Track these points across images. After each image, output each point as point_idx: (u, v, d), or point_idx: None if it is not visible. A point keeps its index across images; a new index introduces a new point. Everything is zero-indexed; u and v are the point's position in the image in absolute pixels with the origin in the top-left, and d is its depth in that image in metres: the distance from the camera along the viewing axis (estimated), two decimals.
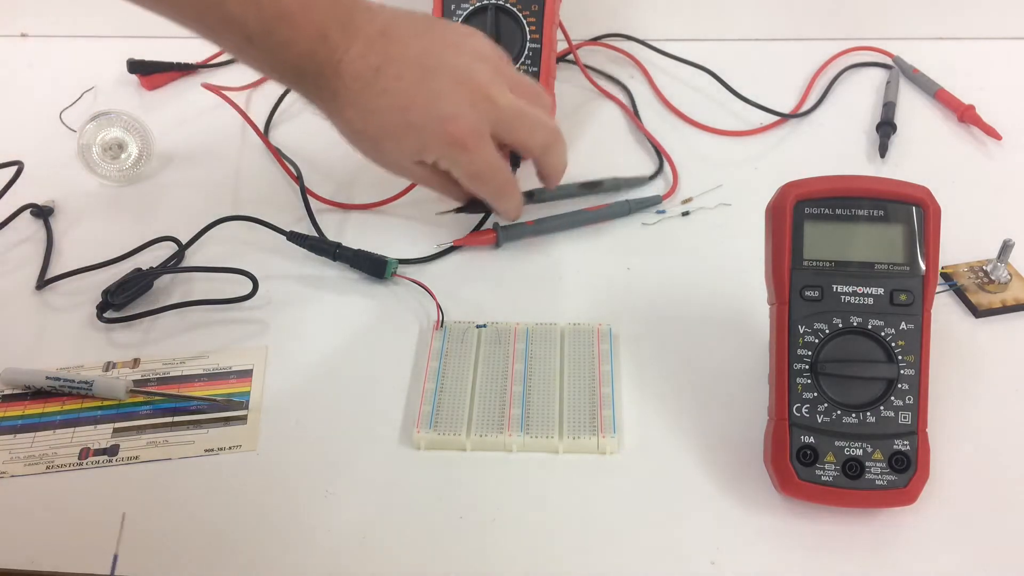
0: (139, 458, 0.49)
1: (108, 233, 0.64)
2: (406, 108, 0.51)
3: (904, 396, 0.44)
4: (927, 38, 0.84)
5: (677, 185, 0.68)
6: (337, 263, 0.61)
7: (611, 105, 0.78)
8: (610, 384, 0.51)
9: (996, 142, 0.71)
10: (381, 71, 0.50)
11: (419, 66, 0.50)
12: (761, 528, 0.45)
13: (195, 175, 0.71)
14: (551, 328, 0.55)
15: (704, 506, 0.46)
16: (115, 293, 0.57)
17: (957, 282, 0.57)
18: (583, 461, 0.48)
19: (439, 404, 0.50)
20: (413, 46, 0.51)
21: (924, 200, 0.45)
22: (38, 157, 0.70)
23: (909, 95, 0.78)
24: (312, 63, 0.50)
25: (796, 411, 0.44)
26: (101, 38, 0.87)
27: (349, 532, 0.45)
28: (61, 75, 0.83)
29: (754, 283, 0.49)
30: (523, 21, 0.68)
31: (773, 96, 0.76)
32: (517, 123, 0.54)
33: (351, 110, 0.51)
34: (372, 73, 0.50)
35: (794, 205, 0.45)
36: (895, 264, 0.45)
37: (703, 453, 0.48)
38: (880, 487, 0.43)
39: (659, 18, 0.85)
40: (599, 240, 0.64)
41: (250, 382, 0.53)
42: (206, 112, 0.77)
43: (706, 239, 0.63)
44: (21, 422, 0.51)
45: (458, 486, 0.47)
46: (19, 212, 0.66)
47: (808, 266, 0.45)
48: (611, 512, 0.46)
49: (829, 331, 0.44)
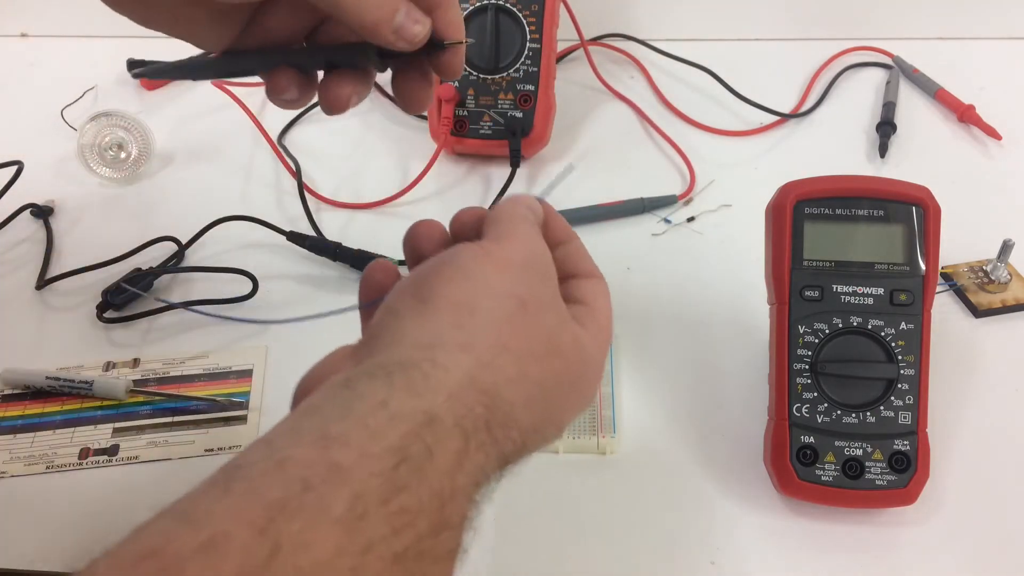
0: (139, 458, 0.49)
1: (108, 233, 0.64)
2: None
3: (904, 396, 0.44)
4: (927, 38, 0.84)
5: (694, 185, 0.68)
6: (337, 263, 0.61)
7: (615, 105, 0.78)
8: (610, 384, 0.51)
9: (996, 142, 0.71)
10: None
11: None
12: (761, 528, 0.45)
13: (195, 175, 0.71)
14: None
15: (704, 506, 0.46)
16: (115, 293, 0.57)
17: (957, 282, 0.57)
18: (583, 461, 0.48)
19: None
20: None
21: (924, 200, 0.45)
22: (38, 157, 0.70)
23: (909, 95, 0.78)
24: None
25: (796, 411, 0.44)
26: (101, 38, 0.87)
27: None
28: (61, 75, 0.83)
29: (754, 283, 0.49)
30: (523, 21, 0.68)
31: (773, 96, 0.76)
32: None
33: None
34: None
35: (794, 205, 0.45)
36: (895, 264, 0.45)
37: (703, 453, 0.48)
38: (880, 487, 0.43)
39: (659, 18, 0.85)
40: (599, 240, 0.63)
41: (250, 382, 0.53)
42: (206, 112, 0.77)
43: (706, 239, 0.63)
44: (21, 422, 0.51)
45: None
46: (19, 212, 0.66)
47: (808, 266, 0.45)
48: (611, 512, 0.46)
49: (829, 331, 0.44)
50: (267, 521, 0.22)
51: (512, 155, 0.67)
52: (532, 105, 0.68)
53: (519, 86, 0.68)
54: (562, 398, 0.32)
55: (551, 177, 0.69)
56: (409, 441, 0.25)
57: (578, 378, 0.33)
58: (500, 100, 0.68)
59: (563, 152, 0.72)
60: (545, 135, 0.69)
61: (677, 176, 0.69)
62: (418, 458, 0.25)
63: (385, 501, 0.24)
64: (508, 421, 0.28)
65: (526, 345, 0.30)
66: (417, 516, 0.24)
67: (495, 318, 0.30)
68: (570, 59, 0.82)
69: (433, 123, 0.69)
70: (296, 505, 0.23)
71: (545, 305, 0.32)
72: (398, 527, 0.24)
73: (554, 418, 0.32)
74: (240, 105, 0.72)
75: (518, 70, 0.68)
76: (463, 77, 0.68)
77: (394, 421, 0.26)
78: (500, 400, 0.28)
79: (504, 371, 0.29)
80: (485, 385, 0.28)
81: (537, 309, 0.31)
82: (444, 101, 0.68)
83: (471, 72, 0.68)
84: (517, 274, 0.31)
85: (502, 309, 0.30)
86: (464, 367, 0.28)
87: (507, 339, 0.30)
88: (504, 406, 0.29)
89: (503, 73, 0.68)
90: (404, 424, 0.26)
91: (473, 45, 0.68)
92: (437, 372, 0.28)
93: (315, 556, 0.22)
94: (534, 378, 0.30)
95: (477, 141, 0.68)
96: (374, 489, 0.24)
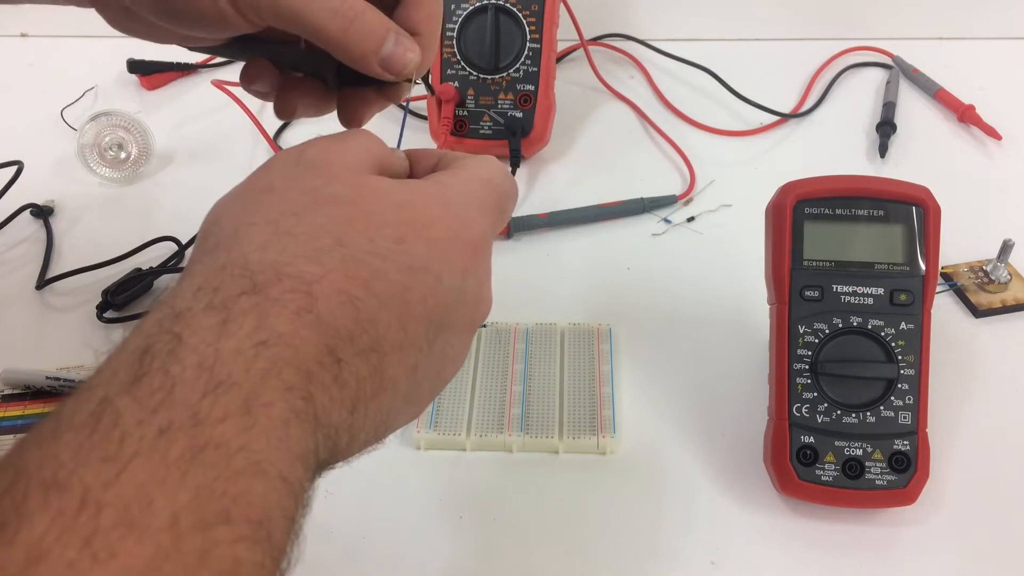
0: None
1: (108, 233, 0.64)
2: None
3: (904, 396, 0.44)
4: (927, 38, 0.84)
5: (694, 185, 0.68)
6: None
7: (615, 105, 0.78)
8: (610, 384, 0.51)
9: (996, 142, 0.71)
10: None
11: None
12: (761, 528, 0.45)
13: (195, 175, 0.71)
14: (551, 328, 0.55)
15: (704, 506, 0.46)
16: (115, 293, 0.57)
17: (957, 282, 0.57)
18: (583, 461, 0.48)
19: (439, 404, 0.50)
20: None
21: (924, 200, 0.45)
22: (38, 157, 0.70)
23: (909, 95, 0.78)
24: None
25: (796, 411, 0.44)
26: (101, 38, 0.86)
27: (349, 532, 0.45)
28: (61, 75, 0.83)
29: (754, 283, 0.49)
30: (523, 21, 0.68)
31: (773, 96, 0.76)
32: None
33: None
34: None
35: (794, 205, 0.45)
36: (895, 264, 0.45)
37: (703, 453, 0.48)
38: (880, 487, 0.43)
39: (659, 18, 0.85)
40: (600, 240, 0.64)
41: None
42: (206, 112, 0.77)
43: (706, 239, 0.63)
44: (21, 422, 0.51)
45: (458, 486, 0.47)
46: (19, 212, 0.66)
47: (808, 266, 0.45)
48: (611, 512, 0.46)
49: (829, 331, 0.44)
50: (2, 460, 0.22)
51: (512, 155, 0.67)
52: (532, 105, 0.68)
53: (519, 86, 0.68)
54: (372, 235, 0.28)
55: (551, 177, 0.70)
56: (153, 338, 0.24)
57: (400, 210, 0.29)
58: (500, 100, 0.68)
59: (563, 152, 0.72)
60: (545, 135, 0.69)
61: (677, 176, 0.69)
62: (164, 345, 0.24)
63: (130, 390, 0.23)
64: (278, 279, 0.26)
65: (279, 211, 0.28)
66: (173, 390, 0.23)
67: (235, 212, 0.29)
68: (570, 59, 0.82)
69: (433, 123, 0.69)
70: (34, 436, 0.22)
71: (298, 176, 0.30)
72: (153, 406, 0.22)
73: (374, 255, 0.28)
74: (240, 105, 0.72)
75: (518, 70, 0.68)
76: (463, 77, 0.68)
77: (139, 330, 0.25)
78: (257, 264, 0.26)
79: (252, 241, 0.27)
80: (235, 261, 0.26)
81: (286, 185, 0.29)
82: (444, 101, 0.68)
83: (471, 72, 0.68)
84: (257, 174, 0.30)
85: (242, 201, 0.29)
86: (208, 263, 0.27)
87: (252, 218, 0.28)
88: (263, 268, 0.26)
89: (503, 73, 0.68)
90: (148, 327, 0.25)
91: (473, 45, 0.68)
92: (181, 281, 0.27)
93: (59, 462, 0.21)
94: (301, 231, 0.27)
95: (477, 141, 0.68)
96: (116, 387, 0.23)
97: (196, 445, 0.22)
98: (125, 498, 0.21)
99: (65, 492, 0.20)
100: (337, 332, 0.26)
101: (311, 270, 0.26)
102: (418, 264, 0.28)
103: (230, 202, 0.29)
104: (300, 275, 0.26)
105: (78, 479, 0.21)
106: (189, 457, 0.22)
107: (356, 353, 0.26)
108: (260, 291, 0.25)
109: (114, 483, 0.21)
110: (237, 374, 0.23)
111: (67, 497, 0.20)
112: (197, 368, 0.23)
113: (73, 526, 0.20)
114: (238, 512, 0.22)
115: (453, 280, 0.30)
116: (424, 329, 0.29)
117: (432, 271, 0.29)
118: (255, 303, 0.25)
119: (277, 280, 0.26)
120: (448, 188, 0.31)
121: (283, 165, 0.30)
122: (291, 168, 0.30)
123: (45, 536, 0.20)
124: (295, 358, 0.25)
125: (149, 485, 0.21)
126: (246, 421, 0.23)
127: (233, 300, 0.25)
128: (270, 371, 0.24)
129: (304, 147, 0.31)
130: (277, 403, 0.24)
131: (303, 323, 0.25)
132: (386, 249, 0.28)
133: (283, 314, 0.25)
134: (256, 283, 0.25)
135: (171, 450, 0.22)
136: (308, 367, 0.25)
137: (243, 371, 0.23)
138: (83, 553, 0.20)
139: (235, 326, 0.24)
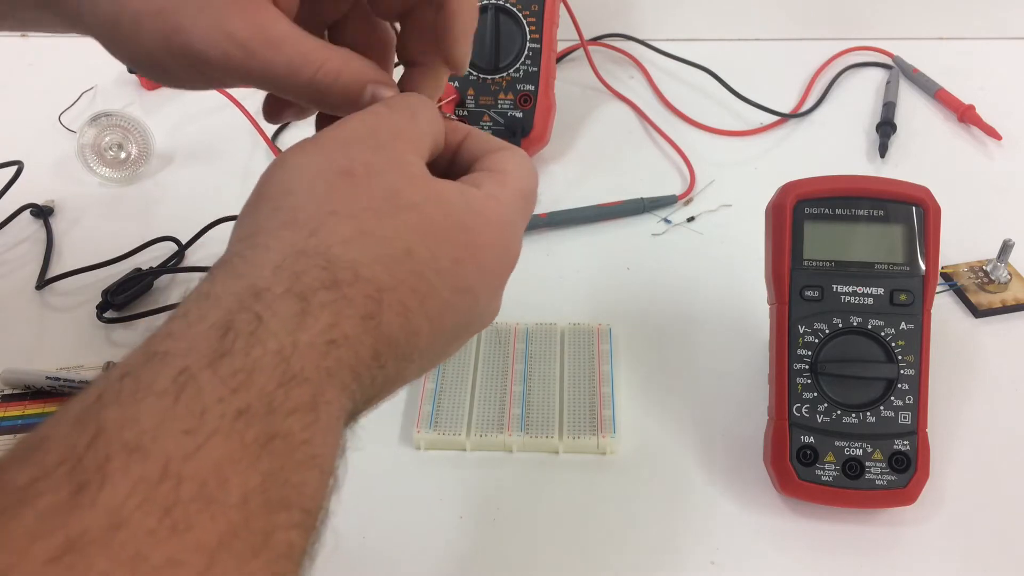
0: None
1: (108, 233, 0.64)
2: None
3: (904, 396, 0.44)
4: (927, 38, 0.84)
5: (694, 185, 0.68)
6: None
7: (615, 105, 0.78)
8: (610, 384, 0.51)
9: (996, 142, 0.71)
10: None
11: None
12: (761, 528, 0.45)
13: (195, 175, 0.71)
14: (551, 328, 0.55)
15: (704, 506, 0.46)
16: (115, 293, 0.57)
17: (957, 282, 0.57)
18: (583, 461, 0.48)
19: (439, 404, 0.50)
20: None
21: (924, 200, 0.45)
22: (38, 157, 0.70)
23: (909, 95, 0.78)
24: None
25: (796, 411, 0.44)
26: None
27: (349, 532, 0.45)
28: (61, 75, 0.83)
29: (754, 283, 0.49)
30: (523, 21, 0.68)
31: (773, 96, 0.76)
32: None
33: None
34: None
35: (794, 205, 0.45)
36: (895, 264, 0.45)
37: (703, 453, 0.48)
38: (880, 487, 0.43)
39: (659, 18, 0.85)
40: (599, 240, 0.64)
41: None
42: (206, 112, 0.77)
43: (706, 239, 0.63)
44: (21, 422, 0.51)
45: (458, 486, 0.47)
46: (19, 212, 0.66)
47: (808, 266, 0.45)
48: (611, 512, 0.46)
49: (829, 331, 0.44)
50: (82, 412, 0.22)
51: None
52: (532, 105, 0.68)
53: (519, 86, 0.68)
54: (436, 251, 0.29)
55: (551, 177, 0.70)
56: (234, 314, 0.24)
57: (463, 232, 0.30)
58: (500, 100, 0.68)
59: (563, 152, 0.72)
60: (545, 135, 0.69)
61: (677, 176, 0.69)
62: (246, 325, 0.24)
63: (213, 365, 0.23)
64: (355, 280, 0.27)
65: (361, 206, 0.28)
66: (253, 373, 0.23)
67: (315, 191, 0.29)
68: (570, 59, 0.82)
69: None
70: (113, 393, 0.22)
71: (379, 169, 0.29)
72: (234, 386, 0.23)
73: (434, 272, 0.29)
74: (238, 106, 0.72)
75: (518, 70, 0.68)
76: (463, 77, 0.68)
77: (218, 302, 0.25)
78: (340, 260, 0.27)
79: (336, 233, 0.27)
80: (317, 250, 0.27)
81: (368, 173, 0.29)
82: (444, 101, 0.68)
83: (471, 72, 0.68)
84: (334, 149, 0.30)
85: (322, 181, 0.29)
86: (287, 240, 0.27)
87: (334, 205, 0.28)
88: (345, 265, 0.27)
89: (503, 73, 0.68)
90: (228, 301, 0.25)
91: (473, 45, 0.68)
92: (257, 253, 0.27)
93: (141, 427, 0.21)
94: (380, 234, 0.28)
95: None
96: (198, 360, 0.23)
97: (268, 433, 0.23)
98: (203, 473, 0.21)
99: (148, 459, 0.21)
100: (387, 340, 0.27)
101: (384, 279, 0.27)
102: (464, 285, 0.30)
103: (305, 177, 0.29)
104: (374, 280, 0.27)
105: (160, 447, 0.21)
106: (262, 442, 0.23)
107: (394, 359, 0.28)
108: (338, 288, 0.26)
109: (194, 456, 0.21)
110: (309, 370, 0.24)
111: (150, 464, 0.21)
112: (276, 356, 0.24)
113: (154, 495, 0.20)
114: (296, 500, 0.23)
115: (487, 300, 0.32)
116: (447, 339, 0.31)
117: (474, 293, 0.30)
118: (332, 299, 0.26)
119: (355, 280, 0.27)
120: (500, 206, 0.32)
121: (362, 143, 0.30)
122: (371, 152, 0.30)
123: (127, 501, 0.20)
124: (353, 361, 0.26)
125: (225, 464, 0.22)
126: (311, 417, 0.24)
127: (313, 292, 0.26)
128: (334, 371, 0.25)
129: (377, 122, 0.31)
130: (335, 402, 0.25)
131: (366, 328, 0.26)
132: (444, 268, 0.29)
133: (353, 317, 0.26)
134: (336, 279, 0.26)
135: (247, 433, 0.22)
136: (359, 370, 0.26)
137: (314, 367, 0.25)
138: (163, 523, 0.20)
139: (312, 320, 0.25)
